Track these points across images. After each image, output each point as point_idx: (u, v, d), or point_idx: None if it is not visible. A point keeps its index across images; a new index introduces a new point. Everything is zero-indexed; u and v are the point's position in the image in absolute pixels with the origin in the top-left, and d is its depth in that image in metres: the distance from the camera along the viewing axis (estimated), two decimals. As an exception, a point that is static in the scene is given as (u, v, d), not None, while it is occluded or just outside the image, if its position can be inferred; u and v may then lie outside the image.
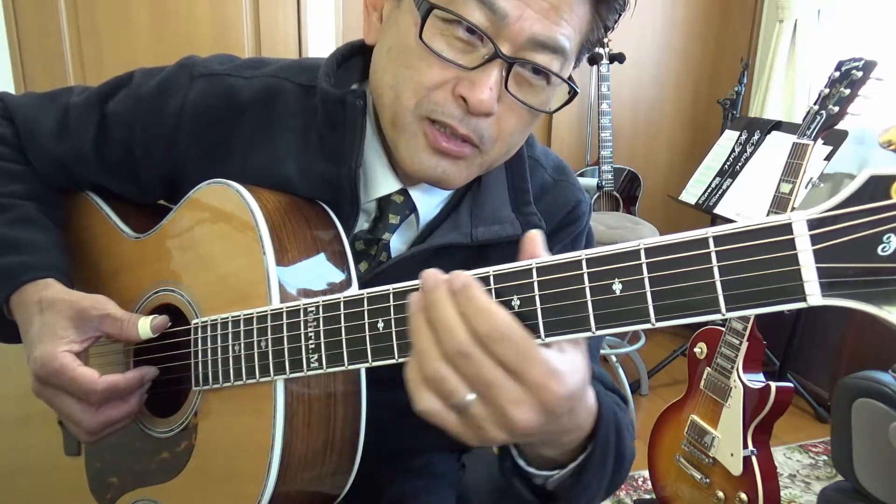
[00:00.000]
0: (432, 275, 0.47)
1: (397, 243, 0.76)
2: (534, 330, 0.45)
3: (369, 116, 0.71)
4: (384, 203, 0.74)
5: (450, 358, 0.44)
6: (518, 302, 0.45)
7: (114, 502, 0.75)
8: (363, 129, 0.69)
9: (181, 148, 0.74)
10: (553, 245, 0.77)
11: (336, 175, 0.70)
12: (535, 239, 0.49)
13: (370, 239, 0.74)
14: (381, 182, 0.73)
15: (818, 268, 0.35)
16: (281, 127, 0.73)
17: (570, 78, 0.67)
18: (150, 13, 2.23)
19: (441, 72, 0.62)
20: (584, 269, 0.43)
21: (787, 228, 0.37)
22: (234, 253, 0.66)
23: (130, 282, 0.77)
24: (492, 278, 0.47)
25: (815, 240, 0.36)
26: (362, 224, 0.75)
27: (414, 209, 0.74)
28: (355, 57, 0.76)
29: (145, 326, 0.68)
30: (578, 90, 0.67)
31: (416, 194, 0.74)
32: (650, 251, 0.41)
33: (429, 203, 0.75)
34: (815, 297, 0.36)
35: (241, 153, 0.73)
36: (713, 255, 0.39)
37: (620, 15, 0.66)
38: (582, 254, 0.43)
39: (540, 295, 0.45)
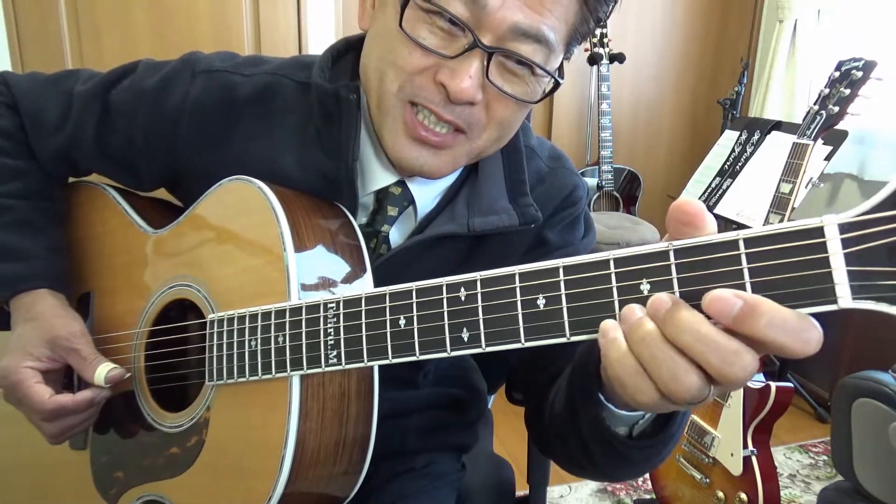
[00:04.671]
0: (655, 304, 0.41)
1: (396, 236, 0.76)
2: (559, 329, 0.45)
3: (363, 110, 0.72)
4: (382, 195, 0.75)
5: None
6: (543, 301, 0.45)
7: (118, 497, 0.75)
8: (358, 122, 0.70)
9: (182, 142, 0.75)
10: (551, 229, 0.78)
11: (334, 169, 0.71)
12: (694, 209, 0.42)
13: (369, 232, 0.74)
14: (378, 175, 0.74)
15: (849, 271, 0.36)
16: (279, 123, 0.74)
17: (560, 67, 0.67)
18: (149, 13, 2.23)
19: (423, 58, 0.63)
20: (612, 270, 0.43)
21: (818, 232, 0.36)
22: (253, 249, 0.66)
23: (147, 276, 0.78)
24: (517, 277, 0.46)
25: (846, 243, 0.36)
26: (360, 218, 0.75)
27: (412, 201, 0.75)
28: (350, 52, 0.77)
29: (101, 374, 0.71)
30: (562, 81, 0.67)
31: (413, 186, 0.74)
32: (679, 252, 0.40)
33: (427, 194, 0.76)
34: (845, 299, 0.36)
35: (240, 148, 0.74)
36: (743, 258, 0.39)
37: (611, 7, 0.66)
38: (610, 254, 0.43)
39: (566, 294, 0.44)
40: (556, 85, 0.67)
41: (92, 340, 0.75)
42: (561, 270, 0.45)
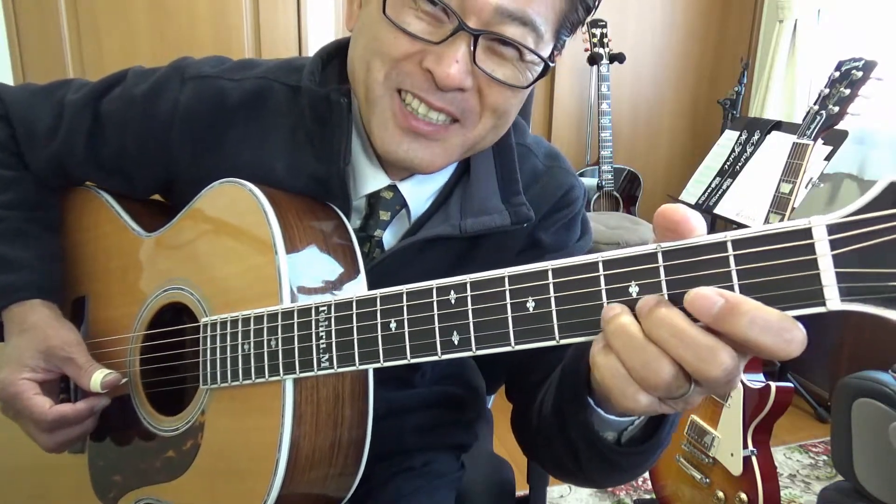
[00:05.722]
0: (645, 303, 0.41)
1: (389, 238, 0.76)
2: (548, 332, 0.44)
3: (354, 113, 0.71)
4: (374, 200, 0.74)
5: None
6: (533, 304, 0.45)
7: (117, 501, 0.75)
8: (349, 125, 0.69)
9: (173, 149, 0.74)
10: (546, 229, 0.77)
11: (325, 173, 0.70)
12: (679, 216, 0.41)
13: (362, 237, 0.74)
14: (370, 178, 0.73)
15: (837, 273, 0.35)
16: (270, 127, 0.73)
17: (551, 56, 0.66)
18: (149, 13, 2.23)
19: (408, 44, 0.62)
20: (601, 272, 0.42)
21: (806, 233, 0.36)
22: (245, 252, 0.66)
23: (141, 280, 0.77)
24: (506, 279, 0.46)
25: (834, 245, 0.35)
26: (354, 222, 0.75)
27: (404, 204, 0.75)
28: (341, 55, 0.76)
29: (97, 381, 0.71)
30: (552, 64, 0.66)
31: (405, 189, 0.74)
32: (667, 254, 0.40)
33: (419, 197, 0.75)
34: (834, 301, 0.36)
35: (232, 154, 0.74)
36: (731, 259, 0.38)
37: None
38: (598, 256, 0.43)
39: (555, 297, 0.44)
40: (546, 68, 0.66)
41: (86, 348, 0.75)
42: (550, 273, 0.44)
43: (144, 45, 2.25)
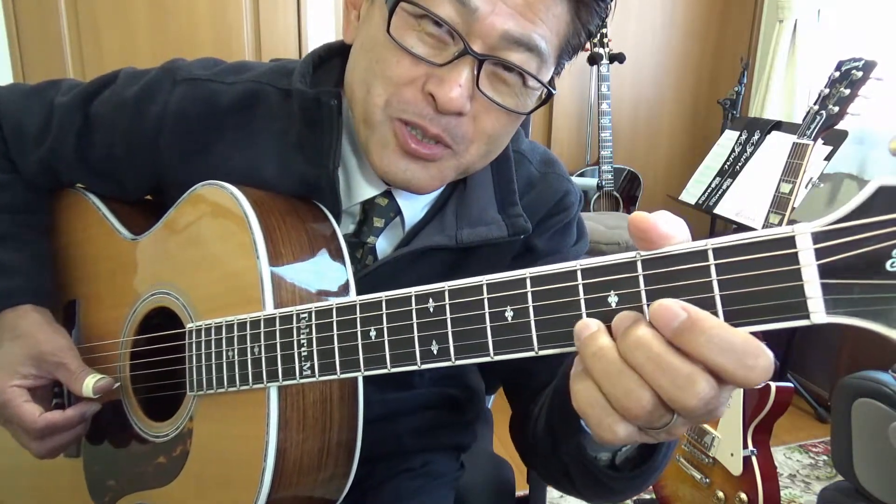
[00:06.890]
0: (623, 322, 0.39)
1: (383, 245, 0.75)
2: (527, 343, 0.43)
3: (346, 117, 0.70)
4: (368, 206, 0.73)
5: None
6: (511, 313, 0.44)
7: None
8: (339, 128, 0.68)
9: (163, 152, 0.74)
10: (541, 235, 0.76)
11: (315, 176, 0.69)
12: (647, 224, 0.39)
13: (355, 242, 0.73)
14: (364, 185, 0.72)
15: (822, 284, 0.33)
16: (262, 131, 0.73)
17: (551, 81, 0.66)
18: (149, 13, 2.24)
19: (411, 68, 0.61)
20: (580, 281, 0.41)
21: (790, 242, 0.34)
22: (228, 256, 0.65)
23: (128, 284, 0.77)
24: (485, 287, 0.45)
25: (819, 254, 0.34)
26: (347, 227, 0.74)
27: (399, 212, 0.74)
28: (334, 59, 0.75)
29: (88, 385, 0.71)
30: (555, 92, 0.65)
31: (400, 196, 0.73)
32: (647, 263, 0.39)
33: (414, 205, 0.75)
34: (818, 314, 0.34)
35: (223, 157, 0.73)
36: (712, 269, 0.37)
37: (603, 20, 0.65)
38: (577, 264, 0.41)
39: (534, 306, 0.43)
40: (549, 95, 0.65)
41: (78, 353, 0.75)
42: (528, 281, 0.43)
43: (144, 45, 2.25)
